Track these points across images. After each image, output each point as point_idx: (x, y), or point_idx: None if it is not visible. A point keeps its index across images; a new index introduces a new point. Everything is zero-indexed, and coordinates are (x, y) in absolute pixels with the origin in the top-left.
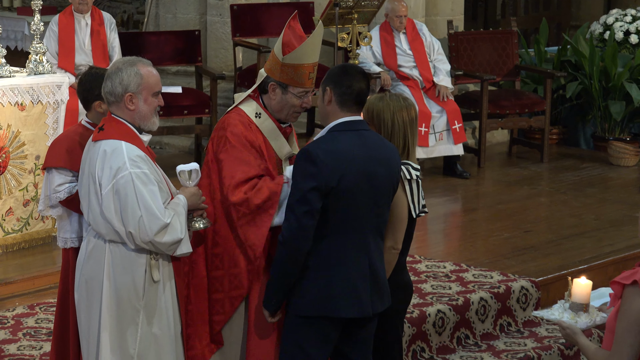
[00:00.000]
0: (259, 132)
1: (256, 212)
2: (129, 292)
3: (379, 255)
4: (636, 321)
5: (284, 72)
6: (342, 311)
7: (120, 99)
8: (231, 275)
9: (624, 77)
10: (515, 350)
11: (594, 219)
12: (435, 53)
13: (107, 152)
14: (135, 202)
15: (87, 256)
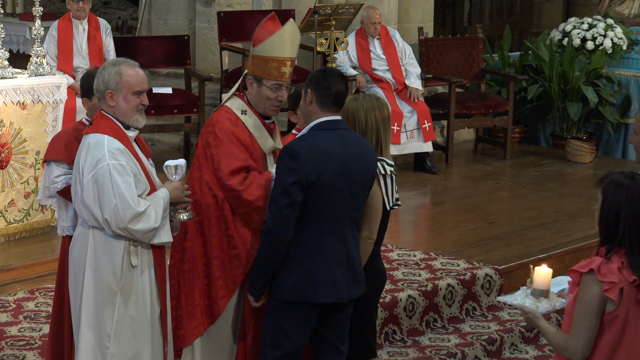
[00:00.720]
0: (244, 127)
1: (249, 207)
2: (107, 275)
3: (355, 245)
4: (592, 306)
5: (255, 64)
6: (321, 297)
7: (103, 95)
8: (231, 256)
9: (581, 80)
10: (480, 332)
11: (552, 211)
12: (407, 57)
13: (91, 144)
14: (111, 191)
15: (74, 241)
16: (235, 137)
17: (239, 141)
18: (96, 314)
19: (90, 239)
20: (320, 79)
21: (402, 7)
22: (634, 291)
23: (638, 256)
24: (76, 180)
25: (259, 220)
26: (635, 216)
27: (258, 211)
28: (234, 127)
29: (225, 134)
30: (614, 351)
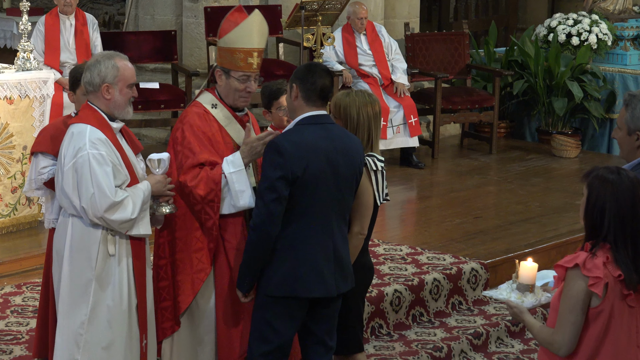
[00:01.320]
0: (214, 121)
1: (202, 203)
2: (83, 263)
3: (343, 239)
4: (578, 301)
5: (222, 56)
6: (308, 291)
7: (98, 88)
8: (193, 257)
9: (566, 75)
10: (466, 326)
11: (538, 206)
12: (393, 53)
13: (73, 133)
14: (89, 180)
15: (56, 231)
16: (201, 132)
17: (205, 136)
18: (71, 302)
19: (69, 227)
20: (305, 73)
21: (388, 3)
22: (618, 286)
23: (623, 251)
24: (58, 170)
25: (215, 215)
26: (620, 211)
27: (212, 206)
28: (202, 122)
29: (191, 130)
30: (599, 345)
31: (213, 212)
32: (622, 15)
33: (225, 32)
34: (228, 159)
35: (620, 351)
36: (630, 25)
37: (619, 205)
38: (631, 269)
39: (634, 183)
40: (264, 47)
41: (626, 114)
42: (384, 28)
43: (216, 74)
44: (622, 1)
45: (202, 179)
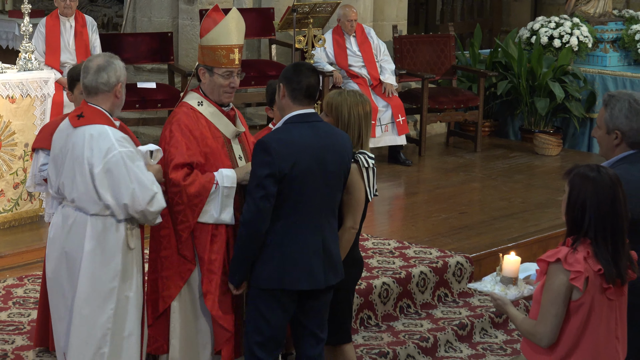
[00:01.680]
0: (202, 117)
1: (187, 204)
2: (109, 260)
3: (332, 234)
4: (559, 294)
5: (204, 54)
6: (297, 284)
7: (112, 88)
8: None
9: (548, 76)
10: (451, 317)
11: (521, 202)
12: (382, 54)
13: (93, 135)
14: (127, 177)
15: (69, 230)
16: (188, 130)
17: (192, 135)
18: (97, 298)
19: (88, 228)
20: (292, 73)
21: (377, 6)
22: (598, 280)
23: (603, 246)
24: (74, 173)
25: (193, 219)
26: (601, 208)
27: (193, 210)
28: (190, 120)
29: (179, 129)
30: (579, 336)
31: (192, 216)
32: (602, 18)
33: (207, 31)
34: (224, 173)
35: (599, 342)
36: (610, 28)
37: (599, 202)
38: (610, 264)
39: (613, 181)
40: (243, 43)
41: (605, 113)
42: (373, 30)
43: (199, 72)
44: (602, 5)
45: (194, 181)
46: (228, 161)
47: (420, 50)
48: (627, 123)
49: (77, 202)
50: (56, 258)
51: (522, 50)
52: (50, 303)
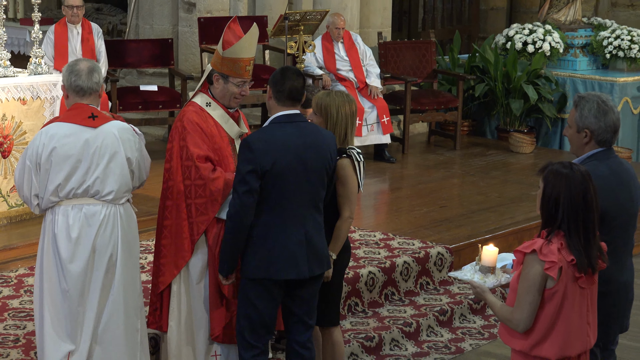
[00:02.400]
0: (210, 117)
1: (209, 198)
2: (136, 243)
3: (316, 226)
4: (535, 283)
5: (224, 64)
6: (281, 273)
7: (100, 88)
8: (177, 243)
9: (522, 79)
10: (433, 304)
11: (497, 196)
12: (368, 59)
13: (120, 130)
14: (147, 159)
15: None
16: (200, 128)
17: (203, 132)
18: (132, 282)
19: (119, 218)
20: (277, 76)
21: (363, 14)
22: (571, 270)
23: (575, 238)
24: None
25: (213, 213)
26: (573, 202)
27: (214, 204)
28: (199, 119)
29: (192, 126)
30: (553, 322)
31: (212, 210)
32: (572, 25)
33: (229, 44)
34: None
35: (572, 327)
36: (579, 35)
37: (572, 197)
38: (582, 254)
39: (585, 177)
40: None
41: (576, 113)
42: (359, 37)
43: (214, 77)
44: (573, 13)
45: (219, 177)
46: (232, 159)
47: (404, 55)
48: (595, 122)
49: (113, 195)
50: (84, 256)
51: (498, 55)
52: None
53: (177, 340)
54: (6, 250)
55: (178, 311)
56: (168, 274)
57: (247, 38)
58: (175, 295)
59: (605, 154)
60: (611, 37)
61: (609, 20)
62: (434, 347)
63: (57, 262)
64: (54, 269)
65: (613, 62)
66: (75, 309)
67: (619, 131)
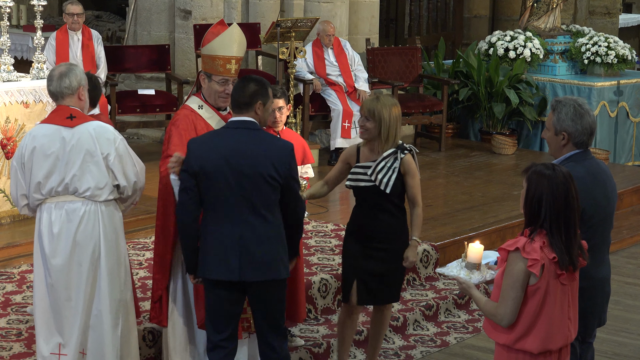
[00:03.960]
0: (201, 119)
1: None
2: (119, 239)
3: (254, 232)
4: (518, 279)
5: (204, 62)
6: (212, 273)
7: (75, 91)
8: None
9: (504, 84)
10: (419, 299)
11: (481, 196)
12: (356, 64)
13: (96, 129)
14: (131, 159)
15: (79, 222)
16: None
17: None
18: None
19: (99, 215)
20: (236, 84)
21: (352, 22)
22: (553, 267)
23: (557, 236)
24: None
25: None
26: (555, 202)
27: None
28: (189, 122)
29: (178, 129)
30: (536, 317)
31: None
32: (552, 32)
33: (208, 41)
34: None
35: (554, 322)
36: (559, 41)
37: (554, 197)
38: (564, 252)
39: (567, 178)
40: (242, 56)
41: (553, 117)
42: (348, 43)
43: (200, 77)
44: (552, 20)
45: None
46: None
47: (391, 61)
48: (572, 125)
49: (90, 192)
50: (65, 251)
51: (481, 60)
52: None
53: (176, 335)
54: (9, 248)
55: (174, 305)
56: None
57: (225, 35)
58: (173, 291)
59: (582, 156)
60: (589, 43)
61: (586, 28)
62: (420, 341)
63: (43, 257)
64: (40, 263)
65: (591, 67)
66: (61, 302)
67: (595, 133)
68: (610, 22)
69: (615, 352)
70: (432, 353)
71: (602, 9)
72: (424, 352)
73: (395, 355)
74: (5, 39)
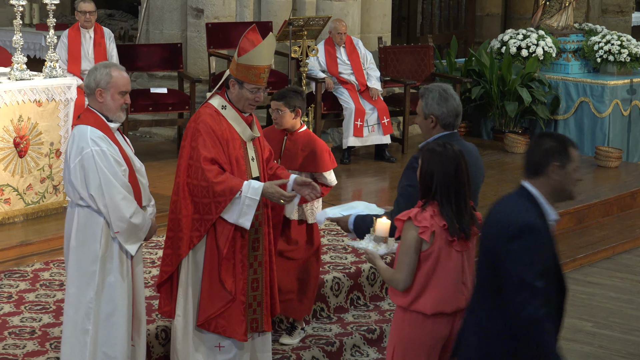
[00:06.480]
0: (224, 120)
1: (212, 199)
2: (90, 245)
3: None
4: (411, 246)
5: (239, 70)
6: None
7: (93, 92)
8: (177, 237)
9: (517, 83)
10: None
11: (493, 194)
12: (368, 63)
13: (75, 134)
14: (95, 172)
15: (66, 219)
16: (212, 130)
17: (215, 135)
18: (81, 280)
19: (75, 216)
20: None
21: (364, 20)
22: (444, 234)
23: (447, 207)
24: (65, 166)
25: (215, 215)
26: (445, 176)
27: (217, 206)
28: (213, 121)
29: (205, 127)
30: (429, 280)
31: (215, 211)
32: (564, 30)
33: (244, 51)
34: (251, 184)
35: (447, 286)
36: (571, 40)
37: (444, 172)
38: (453, 220)
39: (457, 154)
40: (272, 63)
41: (422, 103)
42: (360, 41)
43: (230, 83)
44: (565, 19)
45: (224, 181)
46: (242, 161)
47: (403, 59)
48: (438, 109)
49: (67, 193)
50: (65, 243)
51: (493, 59)
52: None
53: (183, 329)
54: (23, 246)
55: (185, 301)
56: (170, 264)
57: (263, 46)
58: (182, 285)
59: (450, 137)
60: (602, 42)
61: (599, 26)
62: None
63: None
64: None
65: (604, 66)
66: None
67: (460, 115)
68: (623, 21)
69: (629, 351)
70: None
71: (614, 7)
72: None
73: None
74: (18, 37)
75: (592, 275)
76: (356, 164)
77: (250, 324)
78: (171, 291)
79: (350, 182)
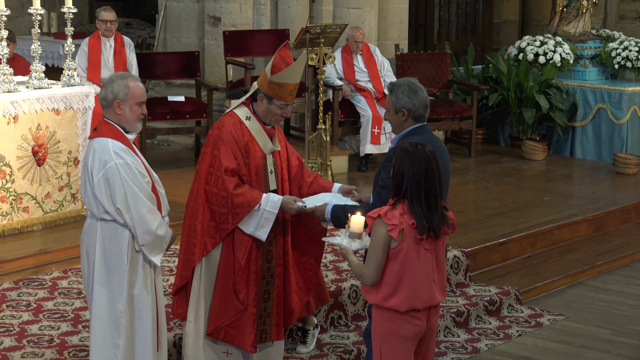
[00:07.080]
0: (247, 131)
1: (230, 210)
2: (116, 259)
3: None
4: (379, 242)
5: (270, 87)
6: None
7: (111, 104)
8: (189, 242)
9: (534, 89)
10: (450, 306)
11: (511, 201)
12: (385, 70)
13: (96, 148)
14: (121, 185)
15: (86, 232)
16: (235, 140)
17: (237, 145)
18: (110, 294)
19: (98, 230)
20: None
21: (381, 27)
22: (413, 232)
23: (417, 206)
24: (85, 180)
25: (232, 225)
26: (415, 176)
27: (234, 217)
28: (236, 131)
29: (228, 137)
30: (399, 278)
31: (232, 222)
32: (582, 37)
33: (278, 70)
34: (270, 198)
35: (418, 283)
36: (589, 46)
37: (414, 171)
38: (422, 219)
39: (428, 155)
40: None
41: (392, 98)
42: (377, 49)
43: (259, 97)
44: (582, 25)
45: (243, 194)
46: (262, 173)
47: (420, 67)
48: (409, 102)
49: (87, 207)
50: (82, 256)
51: (510, 66)
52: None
53: (194, 335)
54: (41, 254)
55: (196, 308)
56: (187, 270)
57: (296, 65)
58: (195, 292)
59: (421, 129)
60: (619, 48)
61: (617, 32)
62: (451, 347)
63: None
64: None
65: (621, 72)
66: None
67: (429, 107)
68: None
69: None
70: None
71: (632, 13)
72: (454, 358)
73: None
74: (37, 46)
75: (610, 282)
76: (373, 171)
77: (259, 335)
78: (186, 293)
79: (367, 189)
